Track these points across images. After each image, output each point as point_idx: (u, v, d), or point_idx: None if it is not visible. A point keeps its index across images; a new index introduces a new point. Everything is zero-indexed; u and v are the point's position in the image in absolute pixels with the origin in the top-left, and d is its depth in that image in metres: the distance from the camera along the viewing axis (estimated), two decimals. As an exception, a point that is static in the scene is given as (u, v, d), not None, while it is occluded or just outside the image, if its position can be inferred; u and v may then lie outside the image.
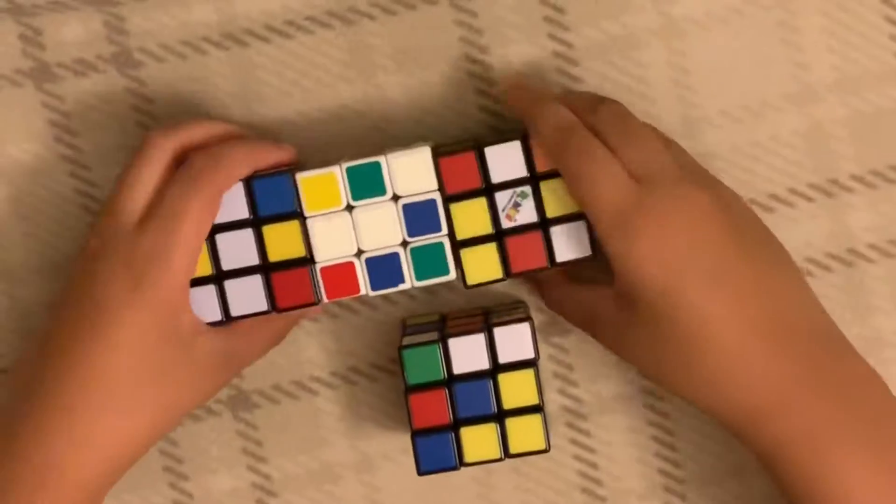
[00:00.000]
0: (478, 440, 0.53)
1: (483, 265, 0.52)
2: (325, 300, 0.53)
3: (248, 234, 0.52)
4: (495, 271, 0.52)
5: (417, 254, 0.52)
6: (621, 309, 0.50)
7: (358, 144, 0.57)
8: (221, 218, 0.52)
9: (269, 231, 0.52)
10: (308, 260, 0.52)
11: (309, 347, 0.58)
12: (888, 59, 0.56)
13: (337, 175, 0.52)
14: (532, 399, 0.53)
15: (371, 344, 0.58)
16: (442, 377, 0.53)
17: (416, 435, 0.53)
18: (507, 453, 0.53)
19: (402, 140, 0.57)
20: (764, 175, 0.57)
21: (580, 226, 0.52)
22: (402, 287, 0.52)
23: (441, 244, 0.52)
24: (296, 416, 0.58)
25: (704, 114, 0.56)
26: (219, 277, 0.52)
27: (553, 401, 0.58)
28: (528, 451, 0.53)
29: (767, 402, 0.47)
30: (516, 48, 0.57)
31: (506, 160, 0.52)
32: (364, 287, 0.53)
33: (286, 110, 0.57)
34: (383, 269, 0.52)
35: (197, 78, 0.57)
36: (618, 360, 0.57)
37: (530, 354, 0.53)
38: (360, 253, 0.53)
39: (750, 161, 0.57)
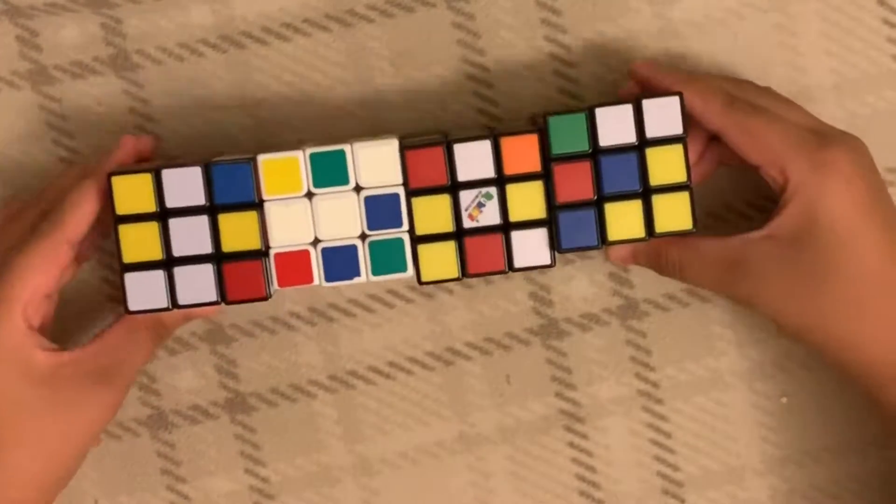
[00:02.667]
0: (622, 218, 0.51)
1: (440, 263, 0.51)
2: (277, 287, 0.52)
3: (202, 221, 0.51)
4: (451, 270, 0.51)
5: (376, 248, 0.51)
6: (782, 249, 0.49)
7: (355, 147, 0.57)
8: (177, 202, 0.51)
9: (225, 220, 0.51)
10: (262, 253, 0.51)
11: (307, 351, 0.58)
12: (886, 62, 0.56)
13: (300, 160, 0.51)
14: (680, 176, 0.51)
15: (368, 348, 0.58)
16: (587, 149, 0.51)
17: (557, 210, 0.51)
18: (651, 232, 0.51)
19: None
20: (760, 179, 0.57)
21: (541, 233, 0.51)
22: (356, 280, 0.51)
23: (401, 240, 0.51)
24: (294, 419, 0.58)
25: (702, 116, 0.56)
26: (169, 263, 0.51)
27: (550, 404, 0.58)
28: (673, 231, 0.51)
29: None
30: (513, 50, 0.57)
31: (474, 159, 0.51)
32: (318, 277, 0.52)
33: (284, 113, 0.57)
34: (339, 260, 0.51)
35: (194, 80, 0.57)
36: (615, 363, 0.58)
37: (679, 130, 0.50)
38: (316, 242, 0.51)
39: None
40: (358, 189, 0.51)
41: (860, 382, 0.50)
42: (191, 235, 0.51)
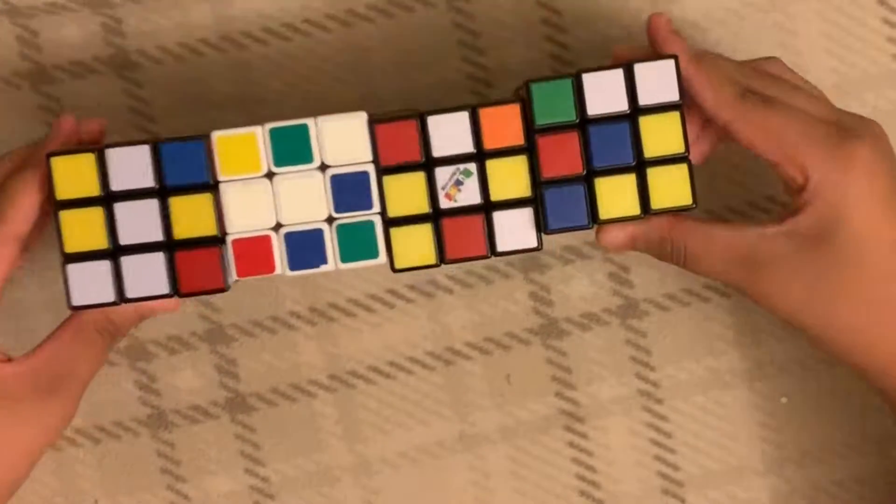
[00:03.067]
0: (614, 194, 0.47)
1: (415, 247, 0.47)
2: (236, 278, 0.47)
3: (152, 205, 0.47)
4: (428, 256, 0.47)
5: (344, 232, 0.47)
6: (803, 246, 0.47)
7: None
8: (123, 185, 0.47)
9: (177, 203, 0.47)
10: (219, 239, 0.47)
11: (307, 351, 0.58)
12: (886, 62, 0.56)
13: (258, 136, 0.47)
14: (677, 147, 0.47)
15: (368, 347, 0.58)
16: (574, 118, 0.47)
17: (543, 187, 0.47)
18: (647, 209, 0.47)
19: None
20: (763, 176, 0.57)
21: (526, 213, 0.47)
22: (323, 269, 0.47)
23: (371, 223, 0.47)
24: (294, 419, 0.58)
25: (702, 116, 0.56)
26: (115, 253, 0.47)
27: (550, 404, 0.58)
28: (672, 207, 0.47)
29: None
30: (513, 50, 0.57)
31: (450, 132, 0.47)
32: (280, 266, 0.47)
33: (283, 113, 0.57)
34: (304, 246, 0.47)
35: (194, 80, 0.57)
36: (615, 363, 0.58)
37: (675, 96, 0.47)
38: (278, 227, 0.47)
39: (749, 162, 0.57)
40: (323, 167, 0.47)
41: (877, 381, 0.49)
42: (139, 221, 0.47)
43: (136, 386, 0.58)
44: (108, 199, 0.47)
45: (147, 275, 0.47)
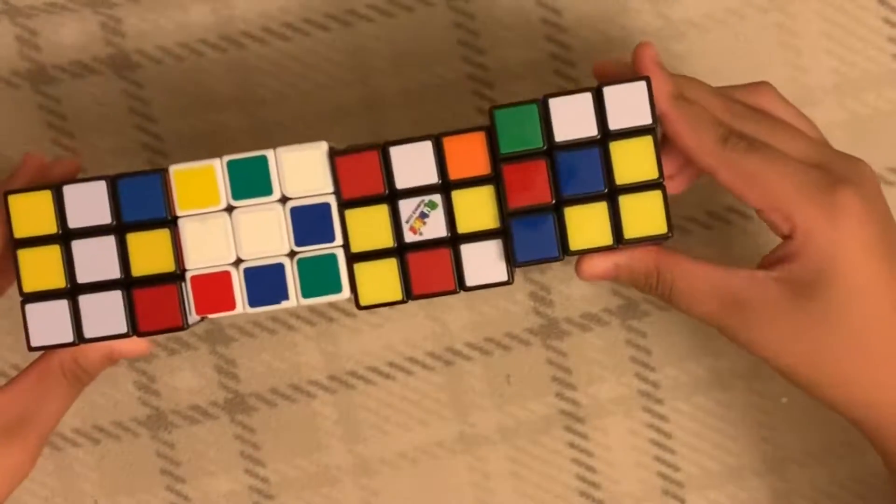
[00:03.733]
0: (585, 223, 0.45)
1: (380, 284, 0.46)
2: (195, 316, 0.47)
3: (109, 241, 0.46)
4: (394, 292, 0.46)
5: (305, 266, 0.46)
6: (793, 294, 0.45)
7: (355, 147, 0.57)
8: (80, 222, 0.46)
9: (134, 240, 0.46)
10: (178, 276, 0.46)
11: (306, 351, 0.58)
12: (886, 62, 0.56)
13: (216, 169, 0.45)
14: (651, 173, 0.44)
15: (368, 348, 0.58)
16: (541, 145, 0.45)
17: (510, 217, 0.45)
18: (620, 239, 0.45)
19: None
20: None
21: (495, 245, 0.46)
22: (285, 305, 0.46)
23: (333, 256, 0.46)
24: (293, 419, 0.58)
25: (703, 116, 0.56)
26: (73, 291, 0.46)
27: (551, 404, 0.58)
28: (646, 236, 0.45)
29: None
30: (514, 50, 0.57)
31: (414, 163, 0.45)
32: (241, 303, 0.46)
33: (283, 113, 0.57)
34: (265, 282, 0.46)
35: (194, 80, 0.57)
36: (615, 363, 0.57)
37: (648, 120, 0.45)
38: (238, 262, 0.46)
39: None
40: (284, 200, 0.46)
41: (866, 429, 0.48)
42: (96, 259, 0.46)
43: (136, 386, 0.58)
44: (65, 236, 0.46)
45: (105, 313, 0.46)
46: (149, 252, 0.46)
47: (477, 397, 0.58)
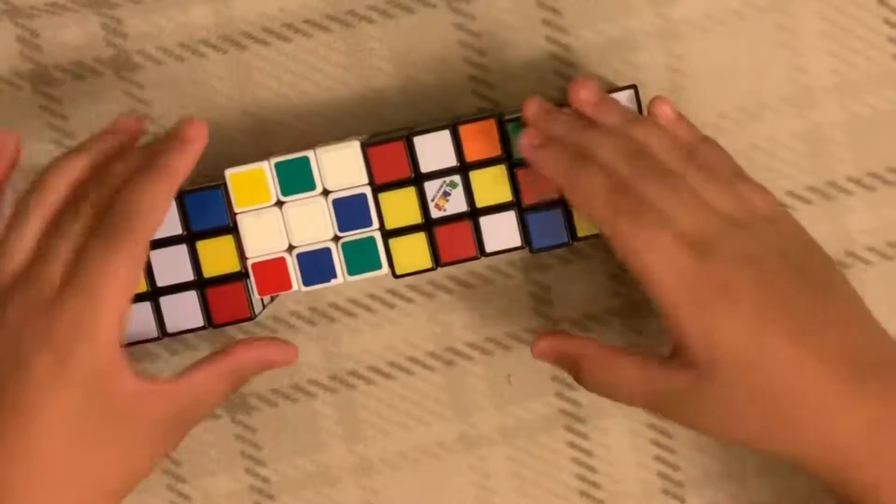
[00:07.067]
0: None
1: (412, 255, 0.52)
2: (258, 296, 0.53)
3: (181, 249, 0.53)
4: (424, 261, 0.53)
5: (349, 248, 0.53)
6: (700, 382, 0.45)
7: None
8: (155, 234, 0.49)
9: (203, 246, 0.53)
10: (243, 275, 0.53)
11: (307, 351, 0.58)
12: (886, 62, 0.56)
13: (265, 170, 0.52)
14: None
15: (369, 347, 0.58)
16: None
17: (527, 212, 0.52)
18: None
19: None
20: (762, 177, 0.56)
21: (510, 216, 0.52)
22: (334, 282, 0.53)
23: (372, 239, 0.52)
24: (294, 419, 0.58)
25: (702, 116, 0.56)
26: (154, 294, 0.53)
27: (551, 404, 0.58)
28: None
29: (856, 448, 0.45)
30: (514, 51, 0.57)
31: (435, 149, 0.52)
32: (296, 283, 0.53)
33: (284, 114, 0.57)
34: (315, 264, 0.53)
35: (195, 80, 0.57)
36: (616, 363, 0.57)
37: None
38: (291, 248, 0.53)
39: (748, 163, 0.56)
40: (325, 193, 0.52)
41: (825, 482, 0.47)
42: (172, 265, 0.53)
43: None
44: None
45: (183, 311, 0.53)
46: (216, 255, 0.53)
47: (477, 397, 0.58)
